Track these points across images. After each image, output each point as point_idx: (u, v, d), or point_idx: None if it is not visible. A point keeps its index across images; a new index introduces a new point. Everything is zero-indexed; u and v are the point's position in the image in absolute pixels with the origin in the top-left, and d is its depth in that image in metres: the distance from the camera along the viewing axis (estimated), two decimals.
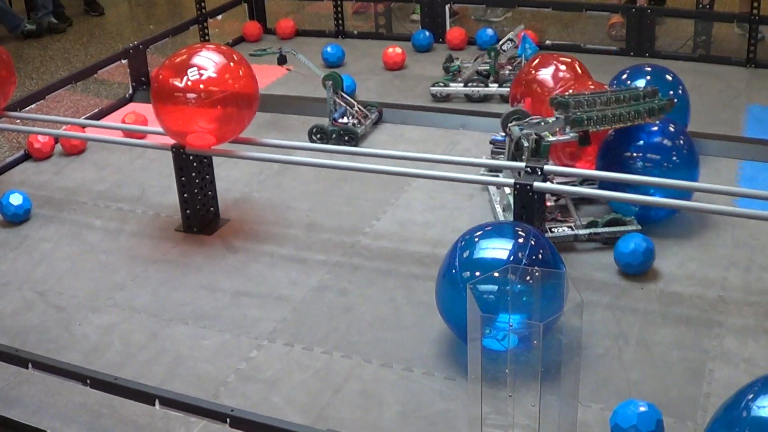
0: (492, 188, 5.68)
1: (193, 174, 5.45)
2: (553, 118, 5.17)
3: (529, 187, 4.75)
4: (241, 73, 5.33)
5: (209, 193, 5.60)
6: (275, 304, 4.86)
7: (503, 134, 5.67)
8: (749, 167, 6.10)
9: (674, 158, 5.31)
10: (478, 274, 3.93)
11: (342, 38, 9.36)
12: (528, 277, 3.78)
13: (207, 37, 9.10)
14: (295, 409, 4.06)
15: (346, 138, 6.61)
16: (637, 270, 4.94)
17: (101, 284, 5.12)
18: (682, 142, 5.38)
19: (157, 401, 3.61)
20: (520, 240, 4.16)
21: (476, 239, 4.23)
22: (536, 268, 3.81)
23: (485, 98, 7.56)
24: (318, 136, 6.66)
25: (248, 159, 5.76)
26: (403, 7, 10.19)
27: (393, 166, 5.41)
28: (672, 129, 5.38)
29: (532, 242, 4.17)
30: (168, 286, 5.06)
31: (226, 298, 4.93)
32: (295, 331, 4.63)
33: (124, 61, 7.81)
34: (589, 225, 5.24)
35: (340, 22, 9.42)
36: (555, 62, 6.24)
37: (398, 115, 7.18)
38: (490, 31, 8.90)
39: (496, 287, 3.79)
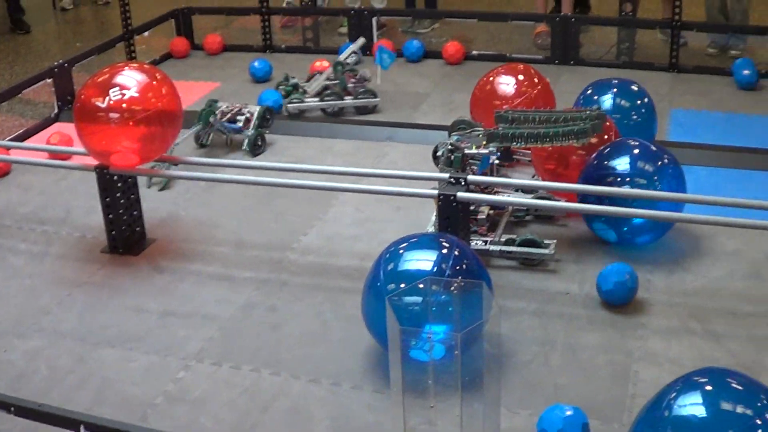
0: None
1: (118, 194, 5.40)
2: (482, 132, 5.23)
3: (452, 198, 4.77)
4: (163, 91, 5.30)
5: (135, 213, 5.55)
6: (202, 323, 4.82)
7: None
8: None
9: (656, 181, 5.19)
10: (402, 285, 3.93)
11: (270, 53, 9.36)
12: (449, 288, 3.79)
13: (134, 54, 9.04)
14: (224, 429, 4.04)
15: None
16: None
17: (26, 309, 5.05)
18: (665, 162, 5.27)
19: (82, 426, 3.56)
20: (444, 251, 4.18)
21: (401, 251, 4.24)
22: (458, 279, 3.83)
23: (341, 111, 7.57)
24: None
25: (173, 177, 5.73)
26: (331, 21, 10.24)
27: (321, 180, 5.41)
28: (654, 150, 5.29)
29: (456, 253, 4.19)
30: (94, 309, 5.00)
31: (152, 319, 4.89)
32: (223, 349, 4.60)
33: (49, 80, 7.74)
34: (506, 243, 5.21)
35: (268, 36, 9.43)
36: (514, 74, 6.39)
37: (326, 129, 7.20)
38: (417, 43, 8.99)
39: (416, 299, 3.80)
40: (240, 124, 6.82)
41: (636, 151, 5.24)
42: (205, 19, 10.09)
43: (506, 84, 6.32)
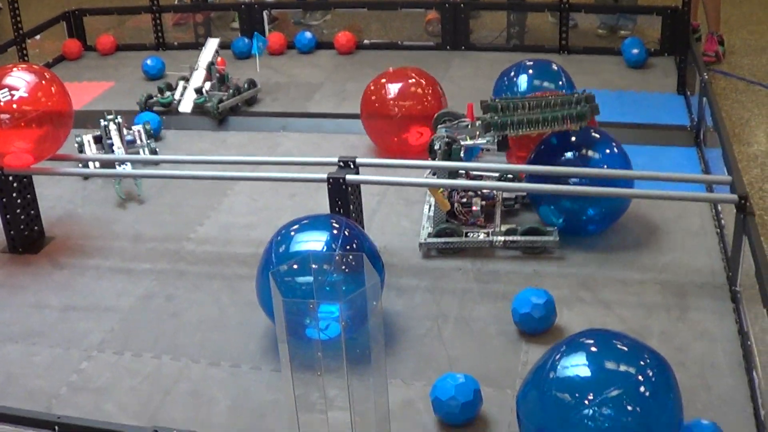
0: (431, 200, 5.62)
1: (14, 194, 5.47)
2: (478, 122, 5.28)
3: (341, 180, 4.92)
4: (53, 90, 5.38)
5: (32, 212, 5.62)
6: (103, 315, 4.92)
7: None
8: None
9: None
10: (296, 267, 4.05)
11: (163, 50, 9.40)
12: (332, 262, 3.92)
13: (26, 58, 9.01)
14: (128, 415, 4.15)
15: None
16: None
17: None
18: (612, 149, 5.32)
19: None
20: (334, 231, 4.33)
21: (291, 233, 4.39)
22: (337, 253, 3.96)
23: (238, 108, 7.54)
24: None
25: (68, 175, 5.82)
26: (223, 16, 10.28)
27: (215, 171, 5.52)
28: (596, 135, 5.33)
29: (346, 233, 4.34)
30: None
31: (54, 314, 4.97)
32: (124, 339, 4.71)
33: None
34: (508, 232, 5.23)
35: (160, 34, 9.46)
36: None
37: (219, 122, 7.28)
38: (308, 34, 9.08)
39: (299, 275, 3.91)
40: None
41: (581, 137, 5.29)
42: (97, 20, 10.06)
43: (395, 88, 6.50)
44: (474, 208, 5.32)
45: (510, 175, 5.51)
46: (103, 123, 6.40)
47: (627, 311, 4.62)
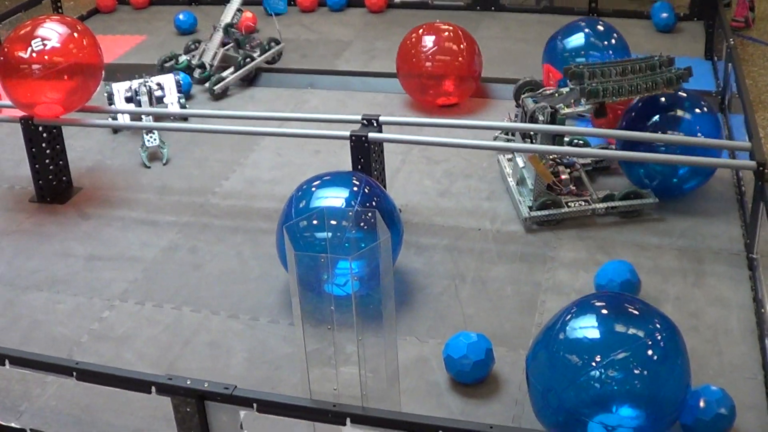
0: (503, 161, 5.67)
1: (44, 145, 5.55)
2: (568, 89, 5.23)
3: (364, 138, 4.96)
4: (84, 43, 5.44)
5: (61, 162, 5.70)
6: (127, 265, 5.01)
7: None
8: None
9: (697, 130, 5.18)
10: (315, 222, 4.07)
11: (195, 5, 9.41)
12: (345, 219, 3.94)
13: (60, 11, 9.07)
14: (146, 363, 4.24)
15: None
16: None
17: None
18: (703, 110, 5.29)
19: (7, 361, 3.73)
20: (354, 188, 4.37)
21: (312, 189, 4.44)
22: (351, 209, 4.00)
23: (257, 72, 7.47)
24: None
25: (96, 126, 5.90)
26: None
27: (242, 126, 5.57)
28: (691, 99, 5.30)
29: (366, 190, 4.38)
30: (23, 256, 5.17)
31: (79, 263, 5.06)
32: (146, 290, 4.80)
33: None
34: (606, 198, 5.21)
35: None
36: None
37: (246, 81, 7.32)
38: None
39: (315, 230, 3.93)
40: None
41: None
42: None
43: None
44: (562, 176, 5.29)
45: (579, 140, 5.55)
46: (133, 86, 6.46)
47: (643, 275, 4.61)
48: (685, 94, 5.26)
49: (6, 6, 9.92)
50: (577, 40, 6.31)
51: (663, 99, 5.21)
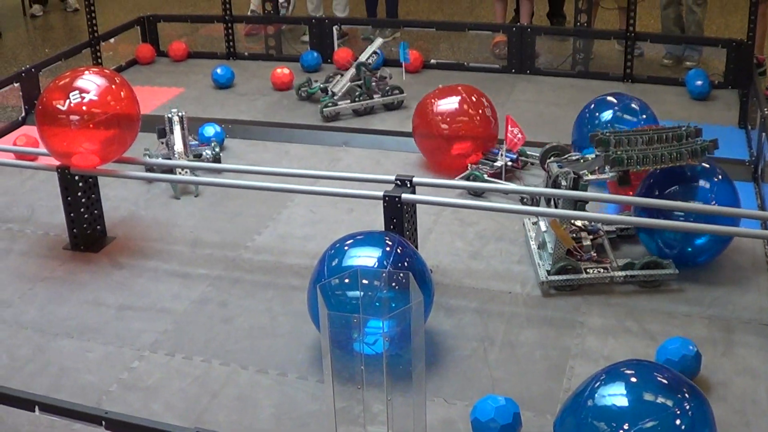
0: (528, 225, 5.73)
1: (79, 194, 5.62)
2: (594, 156, 5.26)
3: (397, 199, 4.99)
4: (122, 95, 5.51)
5: (95, 211, 5.76)
6: (158, 316, 5.04)
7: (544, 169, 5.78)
8: None
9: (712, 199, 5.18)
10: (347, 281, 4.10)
11: (233, 60, 9.55)
12: (378, 280, 3.98)
13: (99, 60, 9.21)
14: (174, 415, 4.25)
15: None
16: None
17: None
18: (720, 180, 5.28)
19: (37, 407, 3.76)
20: (387, 248, 4.39)
21: (345, 248, 4.45)
22: (385, 269, 4.02)
23: (371, 110, 7.89)
24: None
25: (132, 178, 5.95)
26: (294, 29, 10.41)
27: (276, 182, 5.61)
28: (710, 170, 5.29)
29: (399, 250, 4.40)
30: (55, 303, 5.21)
31: (110, 312, 5.10)
32: (176, 341, 4.82)
33: (16, 84, 7.92)
34: (626, 267, 5.20)
35: (231, 44, 9.62)
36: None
37: (284, 134, 7.42)
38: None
39: (348, 289, 3.98)
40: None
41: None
42: (170, 27, 10.29)
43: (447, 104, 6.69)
44: (584, 242, 5.29)
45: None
46: (167, 116, 6.58)
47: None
48: (707, 165, 5.26)
49: (47, 54, 10.07)
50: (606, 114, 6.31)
51: (680, 168, 5.21)
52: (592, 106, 6.41)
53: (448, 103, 6.66)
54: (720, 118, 7.64)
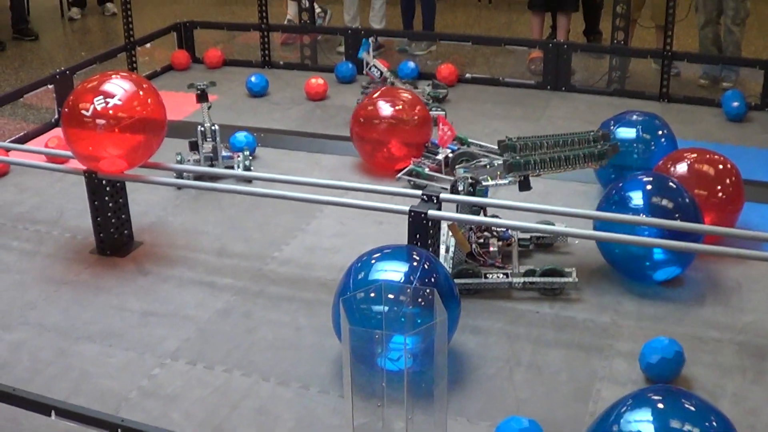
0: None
1: (106, 198, 5.60)
2: (499, 161, 5.27)
3: (423, 215, 4.93)
4: (149, 100, 5.49)
5: (123, 216, 5.74)
6: (181, 324, 5.01)
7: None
8: None
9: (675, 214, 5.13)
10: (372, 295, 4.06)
11: (268, 68, 9.55)
12: (403, 295, 3.94)
13: (135, 65, 9.23)
14: (193, 424, 4.21)
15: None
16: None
17: (14, 303, 5.24)
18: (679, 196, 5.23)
19: (53, 412, 3.73)
20: (414, 263, 4.35)
21: (372, 261, 4.41)
22: (410, 285, 3.97)
23: None
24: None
25: (159, 184, 5.94)
26: (329, 39, 10.41)
27: (306, 192, 5.58)
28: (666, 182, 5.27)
29: (425, 266, 4.35)
30: (78, 306, 5.19)
31: (134, 317, 5.08)
32: (198, 350, 4.78)
33: (50, 87, 7.93)
34: (526, 274, 5.22)
35: (267, 52, 9.62)
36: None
37: (316, 144, 7.40)
38: (411, 64, 9.11)
39: (372, 304, 3.93)
40: None
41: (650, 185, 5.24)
42: (206, 34, 10.29)
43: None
44: (491, 248, 5.33)
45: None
46: (200, 129, 6.53)
47: (701, 369, 4.55)
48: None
49: (83, 57, 10.09)
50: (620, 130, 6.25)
51: (638, 180, 5.24)
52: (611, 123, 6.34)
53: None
54: (756, 140, 7.56)
